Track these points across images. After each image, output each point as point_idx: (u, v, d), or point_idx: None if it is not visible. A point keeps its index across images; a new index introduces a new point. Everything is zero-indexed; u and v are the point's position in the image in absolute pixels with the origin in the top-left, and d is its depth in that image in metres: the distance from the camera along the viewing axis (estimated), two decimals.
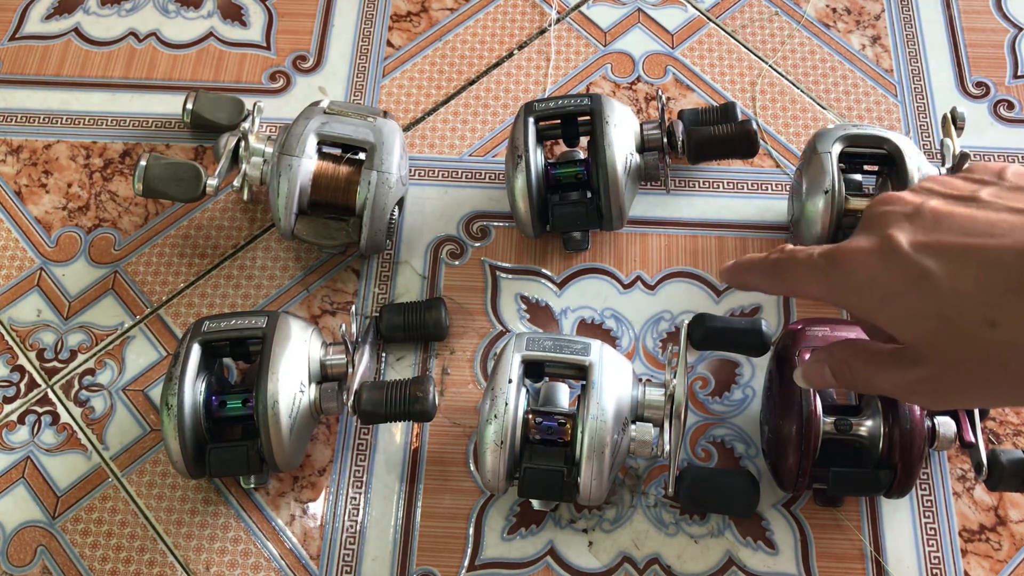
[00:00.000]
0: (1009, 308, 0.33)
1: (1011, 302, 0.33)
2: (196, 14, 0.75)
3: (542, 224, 0.60)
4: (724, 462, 0.57)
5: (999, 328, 0.34)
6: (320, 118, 0.60)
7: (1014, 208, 0.35)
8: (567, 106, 0.60)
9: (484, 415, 0.51)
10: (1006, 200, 0.36)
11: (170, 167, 0.61)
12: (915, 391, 0.38)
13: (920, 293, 0.35)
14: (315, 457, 0.58)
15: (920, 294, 0.35)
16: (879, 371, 0.39)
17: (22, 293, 0.64)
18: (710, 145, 0.61)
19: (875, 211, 0.38)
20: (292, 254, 0.65)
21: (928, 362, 0.37)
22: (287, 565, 0.56)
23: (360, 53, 0.72)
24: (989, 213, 0.35)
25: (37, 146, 0.69)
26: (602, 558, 0.55)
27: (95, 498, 0.58)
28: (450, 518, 0.56)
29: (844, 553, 0.55)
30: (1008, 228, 0.34)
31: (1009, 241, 0.34)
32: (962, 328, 0.35)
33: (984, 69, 0.70)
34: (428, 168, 0.67)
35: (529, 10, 0.74)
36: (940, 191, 0.38)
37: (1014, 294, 0.33)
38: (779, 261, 0.41)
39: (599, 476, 0.50)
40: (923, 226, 0.36)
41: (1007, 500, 0.56)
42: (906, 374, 0.38)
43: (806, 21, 0.72)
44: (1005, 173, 0.38)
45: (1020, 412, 0.58)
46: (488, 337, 0.61)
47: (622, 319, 0.62)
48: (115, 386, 0.61)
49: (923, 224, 0.36)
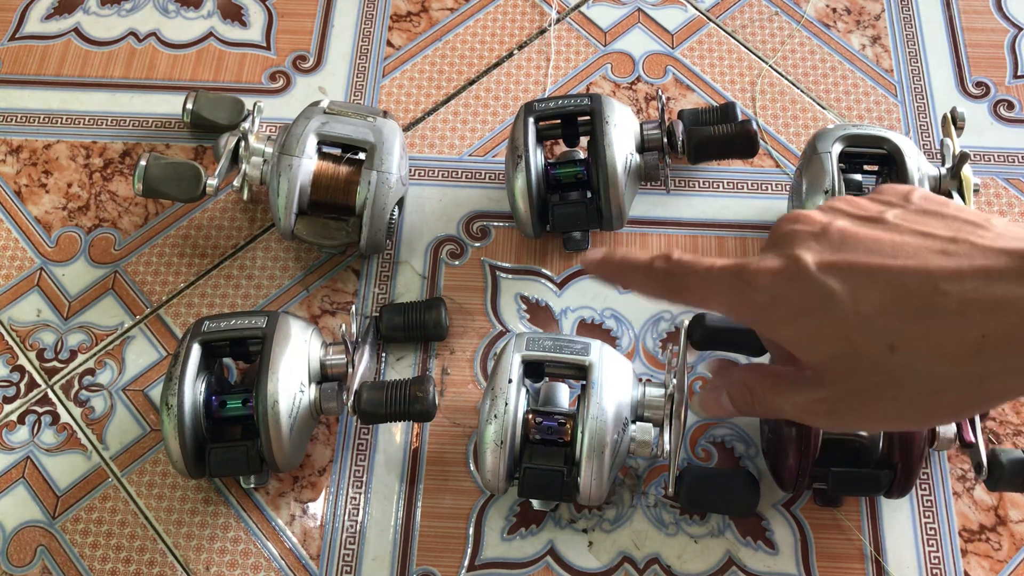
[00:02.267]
0: (909, 332, 0.33)
1: (911, 326, 0.33)
2: (196, 14, 0.75)
3: (542, 224, 0.60)
4: (724, 462, 0.57)
5: (898, 352, 0.34)
6: (320, 118, 0.60)
7: (918, 231, 0.35)
8: (567, 106, 0.60)
9: (484, 415, 0.51)
10: (911, 223, 0.36)
11: (170, 167, 0.61)
12: (814, 412, 0.38)
13: (824, 314, 0.35)
14: (315, 457, 0.58)
15: (824, 315, 0.35)
16: (779, 394, 0.39)
17: (22, 293, 0.64)
18: (710, 145, 0.61)
19: (783, 229, 0.38)
20: (292, 254, 0.65)
21: (829, 383, 0.36)
22: (287, 565, 0.56)
23: (360, 53, 0.72)
24: (894, 235, 0.35)
25: (37, 146, 0.69)
26: (602, 558, 0.55)
27: (95, 498, 0.58)
28: (450, 518, 0.56)
29: (844, 553, 0.55)
30: (912, 251, 0.34)
31: (912, 263, 0.34)
32: (863, 350, 0.34)
33: (984, 69, 0.70)
34: (428, 168, 0.67)
35: (529, 10, 0.74)
36: (848, 211, 0.37)
37: (914, 318, 0.33)
38: (671, 272, 0.40)
39: (599, 476, 0.50)
40: (829, 246, 0.36)
41: (1007, 500, 0.56)
42: (806, 395, 0.38)
43: (806, 21, 0.72)
44: (912, 196, 0.37)
45: (1020, 412, 0.58)
46: (488, 337, 0.61)
47: (622, 319, 0.62)
48: (115, 386, 0.61)
49: (829, 244, 0.36)
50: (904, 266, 0.34)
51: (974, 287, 0.32)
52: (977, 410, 0.36)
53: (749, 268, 0.37)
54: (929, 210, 0.36)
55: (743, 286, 0.37)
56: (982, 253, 0.33)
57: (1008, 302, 0.32)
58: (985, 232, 0.34)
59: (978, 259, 0.33)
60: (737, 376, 0.42)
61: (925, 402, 0.35)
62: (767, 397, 0.40)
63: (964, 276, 0.33)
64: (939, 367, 0.33)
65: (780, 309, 0.36)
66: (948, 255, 0.34)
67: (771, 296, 0.36)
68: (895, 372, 0.34)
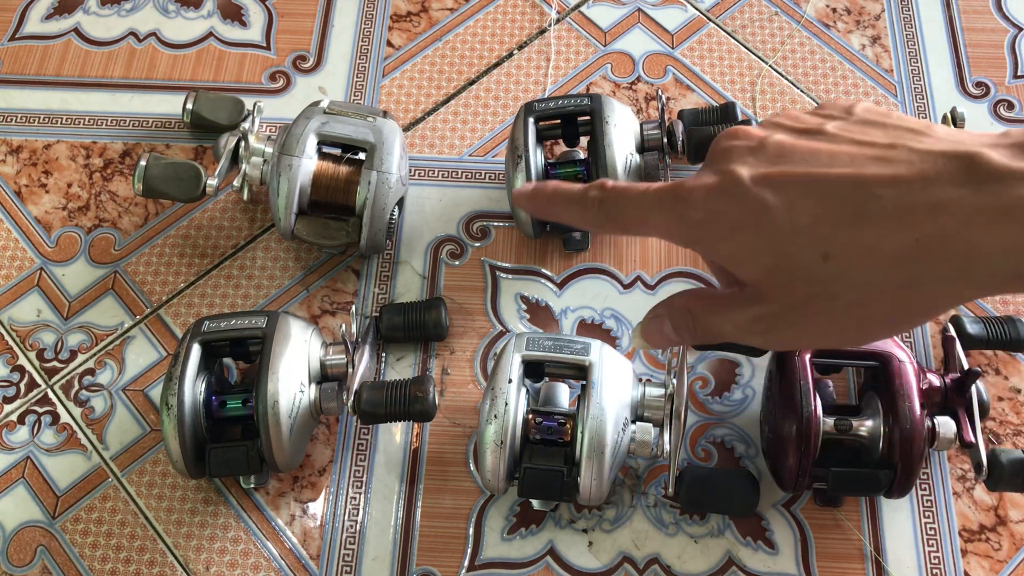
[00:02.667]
0: (842, 240, 0.33)
1: (844, 233, 0.33)
2: (196, 14, 0.75)
3: (542, 224, 0.60)
4: (724, 462, 0.57)
5: (832, 260, 0.33)
6: (320, 118, 0.60)
7: (856, 140, 0.34)
8: (567, 106, 0.60)
9: (484, 415, 0.51)
10: (850, 133, 0.35)
11: (170, 167, 0.61)
12: (754, 330, 0.37)
13: (759, 227, 0.34)
14: (315, 457, 0.58)
15: (759, 228, 0.34)
16: (719, 314, 0.38)
17: (22, 293, 0.64)
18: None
19: (720, 145, 0.37)
20: (292, 254, 0.65)
21: (765, 299, 0.36)
22: (287, 565, 0.56)
23: (360, 53, 0.72)
24: (832, 145, 0.35)
25: (37, 146, 0.69)
26: (602, 558, 0.55)
27: (95, 498, 0.58)
28: (450, 518, 0.56)
29: (844, 553, 0.55)
30: (848, 159, 0.34)
31: (847, 171, 0.33)
32: (798, 261, 0.34)
33: (984, 69, 0.70)
34: (428, 168, 0.67)
35: (529, 10, 0.74)
36: (787, 125, 0.37)
37: (847, 225, 0.33)
38: (605, 199, 0.39)
39: (599, 476, 0.50)
40: (766, 159, 0.35)
41: (1007, 500, 0.56)
42: (744, 312, 0.37)
43: (806, 21, 0.72)
44: (854, 108, 0.37)
45: (1020, 412, 0.58)
46: (488, 337, 0.61)
47: (622, 319, 0.62)
48: (115, 386, 0.61)
49: (766, 157, 0.35)
50: (839, 174, 0.33)
51: (910, 191, 0.32)
52: (912, 323, 0.35)
53: (684, 186, 0.36)
54: (870, 120, 0.36)
55: (678, 205, 0.36)
56: (920, 158, 0.33)
57: (943, 204, 0.31)
58: (925, 137, 0.34)
59: (916, 164, 0.32)
60: (677, 302, 0.40)
61: (860, 312, 0.34)
62: (707, 319, 0.39)
63: (900, 181, 0.32)
64: (872, 274, 0.33)
65: (716, 225, 0.35)
66: (885, 161, 0.33)
67: (706, 212, 0.36)
68: (829, 282, 0.34)
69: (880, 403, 0.51)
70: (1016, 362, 0.60)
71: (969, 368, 0.53)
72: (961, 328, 0.57)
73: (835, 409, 0.53)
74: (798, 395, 0.50)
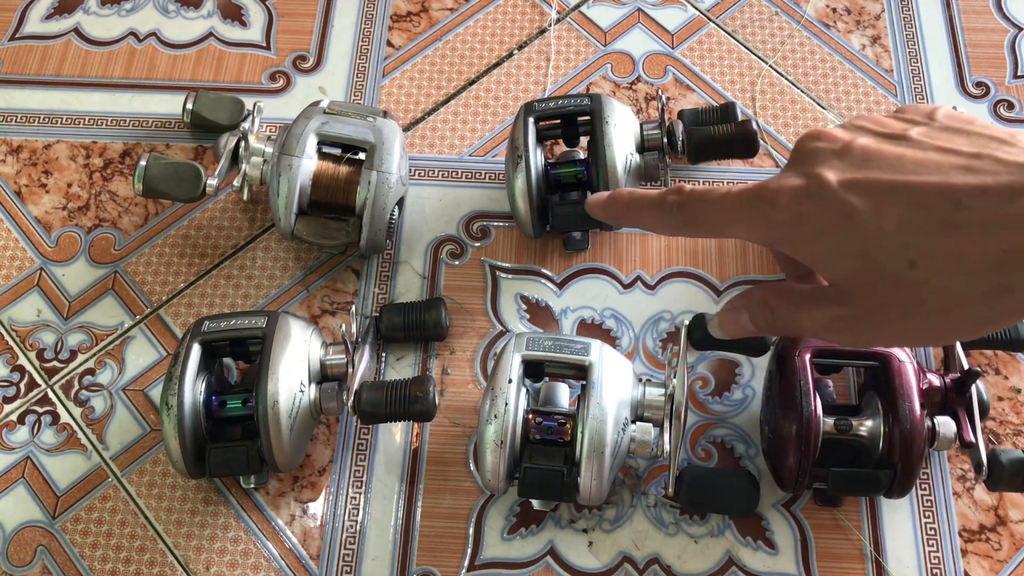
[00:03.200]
0: (929, 248, 0.33)
1: (931, 242, 0.33)
2: (196, 14, 0.75)
3: (542, 224, 0.60)
4: (724, 462, 0.57)
5: (919, 268, 0.34)
6: (320, 118, 0.60)
7: (941, 148, 0.35)
8: (567, 106, 0.60)
9: (484, 415, 0.51)
10: (935, 140, 0.35)
11: (170, 167, 0.61)
12: (834, 329, 0.38)
13: (845, 231, 0.35)
14: (315, 457, 0.58)
15: (845, 232, 0.35)
16: (800, 310, 0.39)
17: (22, 293, 0.64)
18: (710, 145, 0.61)
19: (805, 147, 0.38)
20: (292, 254, 0.65)
21: (850, 301, 0.36)
22: (287, 565, 0.56)
23: (360, 53, 0.72)
24: (917, 152, 0.35)
25: (37, 146, 0.69)
26: (602, 558, 0.55)
27: (95, 498, 0.58)
28: (450, 518, 0.56)
29: (844, 553, 0.55)
30: (934, 167, 0.34)
31: (933, 180, 0.34)
32: (884, 267, 0.34)
33: (984, 69, 0.70)
34: (428, 168, 0.67)
35: (529, 10, 0.74)
36: (871, 128, 0.37)
37: (935, 234, 0.33)
38: (686, 204, 0.40)
39: (599, 476, 0.50)
40: (852, 163, 0.36)
41: (1007, 500, 0.56)
42: (827, 312, 0.38)
43: (806, 21, 0.72)
44: (936, 114, 0.37)
45: (1020, 412, 0.58)
46: (488, 337, 0.61)
47: (622, 319, 0.62)
48: (115, 386, 0.61)
49: (852, 161, 0.36)
50: (926, 182, 0.34)
51: (998, 202, 0.32)
52: (995, 325, 0.35)
53: (769, 187, 0.37)
54: (953, 127, 0.36)
55: (763, 206, 0.37)
56: (1007, 169, 0.33)
57: None
58: (1011, 148, 0.34)
59: (1002, 175, 0.33)
60: (757, 295, 0.41)
61: (944, 318, 0.35)
62: (787, 314, 0.40)
63: (987, 192, 0.33)
64: (959, 282, 0.33)
65: (802, 227, 0.36)
66: (971, 171, 0.33)
67: (793, 214, 0.36)
68: (916, 288, 0.34)
69: (880, 403, 0.51)
70: (1016, 362, 0.60)
71: (969, 368, 0.53)
72: None
73: (835, 409, 0.53)
74: (798, 395, 0.50)
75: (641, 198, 0.42)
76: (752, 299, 0.42)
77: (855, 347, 0.51)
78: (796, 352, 0.52)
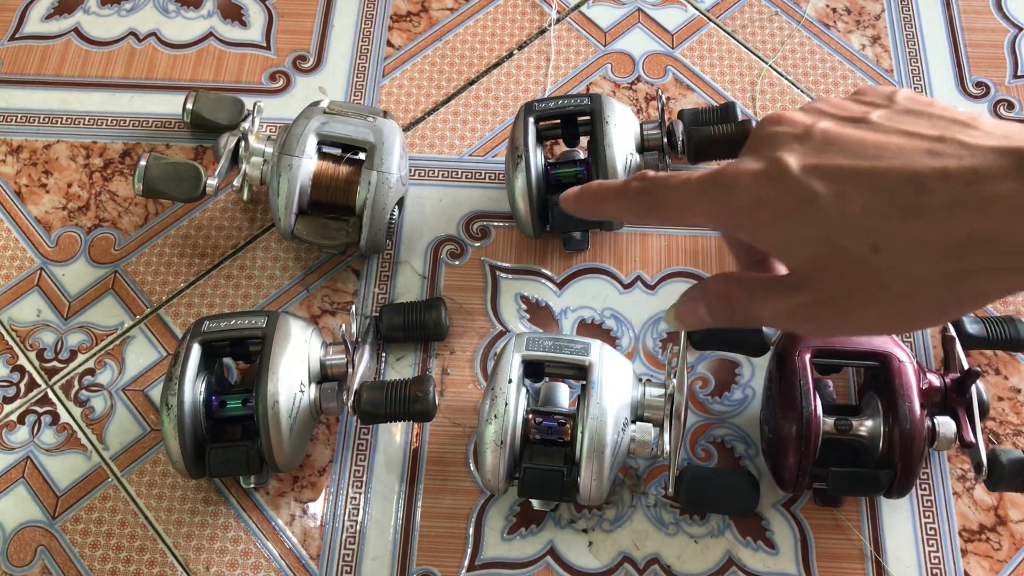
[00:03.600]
0: (893, 232, 0.33)
1: (895, 226, 0.33)
2: (196, 14, 0.75)
3: (542, 224, 0.60)
4: (724, 462, 0.57)
5: (882, 253, 0.33)
6: (320, 118, 0.60)
7: (903, 131, 0.34)
8: (567, 106, 0.60)
9: (484, 415, 0.51)
10: (896, 123, 0.35)
11: (170, 167, 0.61)
12: (795, 317, 0.37)
13: (806, 216, 0.34)
14: (315, 457, 0.58)
15: (806, 217, 0.34)
16: (758, 299, 0.38)
17: (22, 293, 0.64)
18: (710, 145, 0.61)
19: (764, 131, 0.37)
20: (292, 254, 0.65)
21: (810, 287, 0.36)
22: (287, 565, 0.56)
23: (360, 53, 0.72)
24: (879, 135, 0.35)
25: (37, 146, 0.69)
26: (602, 558, 0.55)
27: (95, 498, 0.58)
28: (450, 518, 0.56)
29: (844, 553, 0.55)
30: (897, 151, 0.34)
31: (897, 163, 0.33)
32: (847, 252, 0.34)
33: (984, 69, 0.70)
34: (428, 168, 0.67)
35: (529, 10, 0.74)
36: (831, 112, 0.37)
37: (897, 218, 0.33)
38: (647, 190, 0.39)
39: (599, 476, 0.50)
40: (812, 148, 0.35)
41: (1007, 500, 0.56)
42: (787, 300, 0.37)
43: (806, 21, 0.72)
44: (896, 96, 0.37)
45: (1020, 412, 0.58)
46: (488, 337, 0.61)
47: (622, 319, 0.62)
48: (115, 386, 0.61)
49: (812, 146, 0.35)
50: (889, 167, 0.33)
51: (961, 186, 0.32)
52: (959, 311, 0.35)
53: (728, 172, 0.36)
54: (915, 110, 0.36)
55: (722, 191, 0.36)
56: (970, 152, 0.33)
57: (997, 199, 0.31)
58: (973, 131, 0.34)
59: (966, 158, 0.32)
60: (714, 286, 0.40)
61: (907, 303, 0.34)
62: (746, 304, 0.39)
63: (951, 175, 0.32)
64: (923, 267, 0.33)
65: (762, 212, 0.35)
66: (935, 155, 0.33)
67: (752, 199, 0.36)
68: (878, 273, 0.34)
69: (880, 403, 0.51)
70: (1016, 362, 0.60)
71: (969, 368, 0.53)
72: (961, 328, 0.57)
73: (835, 409, 0.53)
74: (798, 395, 0.50)
75: (607, 187, 0.41)
76: (709, 290, 0.40)
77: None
78: (796, 352, 0.52)
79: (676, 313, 0.42)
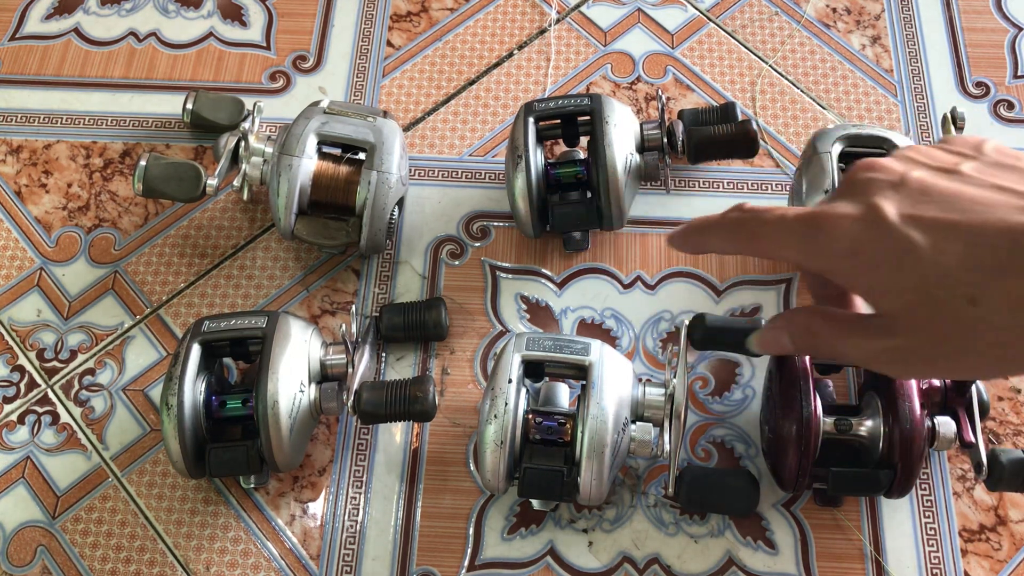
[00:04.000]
0: (989, 286, 0.34)
1: (991, 280, 0.34)
2: (196, 14, 0.75)
3: (542, 224, 0.60)
4: (724, 462, 0.57)
5: (979, 306, 0.34)
6: (320, 118, 0.60)
7: (996, 185, 0.35)
8: (567, 106, 0.60)
9: (484, 415, 0.51)
10: (988, 176, 0.36)
11: (170, 167, 0.61)
12: (884, 360, 0.38)
13: (904, 265, 0.35)
14: (315, 457, 0.58)
15: (903, 266, 0.35)
16: (845, 339, 0.39)
17: (22, 293, 0.64)
18: (710, 145, 0.61)
19: (859, 177, 0.38)
20: (292, 254, 0.65)
21: (901, 333, 0.37)
22: (287, 565, 0.56)
23: (360, 53, 0.72)
24: (973, 189, 0.35)
25: (37, 146, 0.69)
26: (602, 558, 0.55)
27: (95, 498, 0.58)
28: (450, 518, 0.56)
29: (844, 553, 0.55)
30: (990, 205, 0.35)
31: (994, 219, 0.34)
32: (942, 302, 0.35)
33: (984, 69, 0.70)
34: (428, 168, 0.67)
35: (529, 10, 0.74)
36: (923, 162, 0.38)
37: (997, 273, 0.34)
38: (744, 221, 0.40)
39: (599, 476, 0.50)
40: (909, 197, 0.36)
41: (1007, 500, 0.56)
42: (875, 342, 0.38)
43: (806, 21, 0.72)
44: (984, 147, 0.38)
45: (1020, 412, 0.58)
46: (488, 337, 0.61)
47: (622, 319, 0.62)
48: (115, 386, 0.61)
49: (909, 194, 0.36)
50: (984, 221, 0.34)
51: None
52: None
53: (825, 214, 0.37)
54: (1004, 163, 0.37)
55: (818, 234, 0.37)
56: None
57: None
58: None
59: None
60: (800, 319, 0.42)
61: (1001, 352, 0.35)
62: (831, 341, 0.40)
63: None
64: (1018, 320, 0.34)
65: (858, 258, 0.36)
66: None
67: (850, 244, 0.36)
68: (973, 324, 0.35)
69: (880, 403, 0.51)
70: None
71: None
72: None
73: (835, 409, 0.53)
74: (798, 395, 0.50)
75: (709, 222, 0.42)
76: (795, 323, 0.42)
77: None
78: None
79: (759, 341, 0.44)
